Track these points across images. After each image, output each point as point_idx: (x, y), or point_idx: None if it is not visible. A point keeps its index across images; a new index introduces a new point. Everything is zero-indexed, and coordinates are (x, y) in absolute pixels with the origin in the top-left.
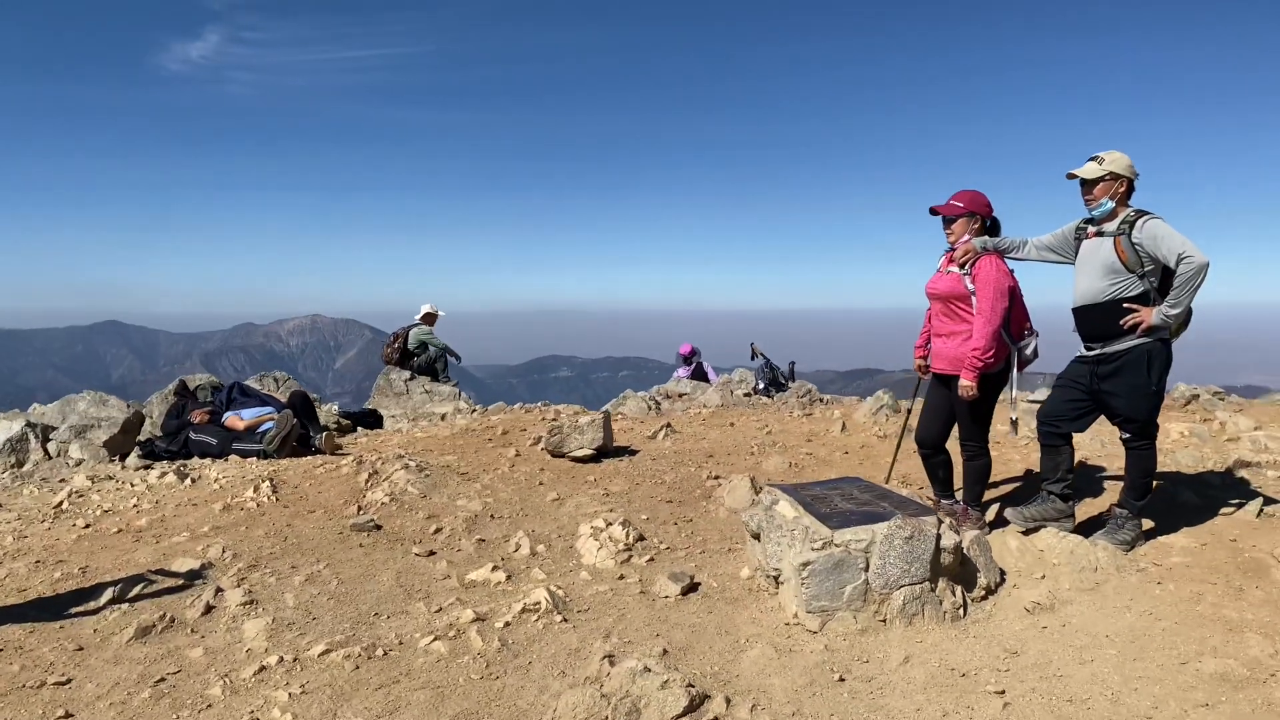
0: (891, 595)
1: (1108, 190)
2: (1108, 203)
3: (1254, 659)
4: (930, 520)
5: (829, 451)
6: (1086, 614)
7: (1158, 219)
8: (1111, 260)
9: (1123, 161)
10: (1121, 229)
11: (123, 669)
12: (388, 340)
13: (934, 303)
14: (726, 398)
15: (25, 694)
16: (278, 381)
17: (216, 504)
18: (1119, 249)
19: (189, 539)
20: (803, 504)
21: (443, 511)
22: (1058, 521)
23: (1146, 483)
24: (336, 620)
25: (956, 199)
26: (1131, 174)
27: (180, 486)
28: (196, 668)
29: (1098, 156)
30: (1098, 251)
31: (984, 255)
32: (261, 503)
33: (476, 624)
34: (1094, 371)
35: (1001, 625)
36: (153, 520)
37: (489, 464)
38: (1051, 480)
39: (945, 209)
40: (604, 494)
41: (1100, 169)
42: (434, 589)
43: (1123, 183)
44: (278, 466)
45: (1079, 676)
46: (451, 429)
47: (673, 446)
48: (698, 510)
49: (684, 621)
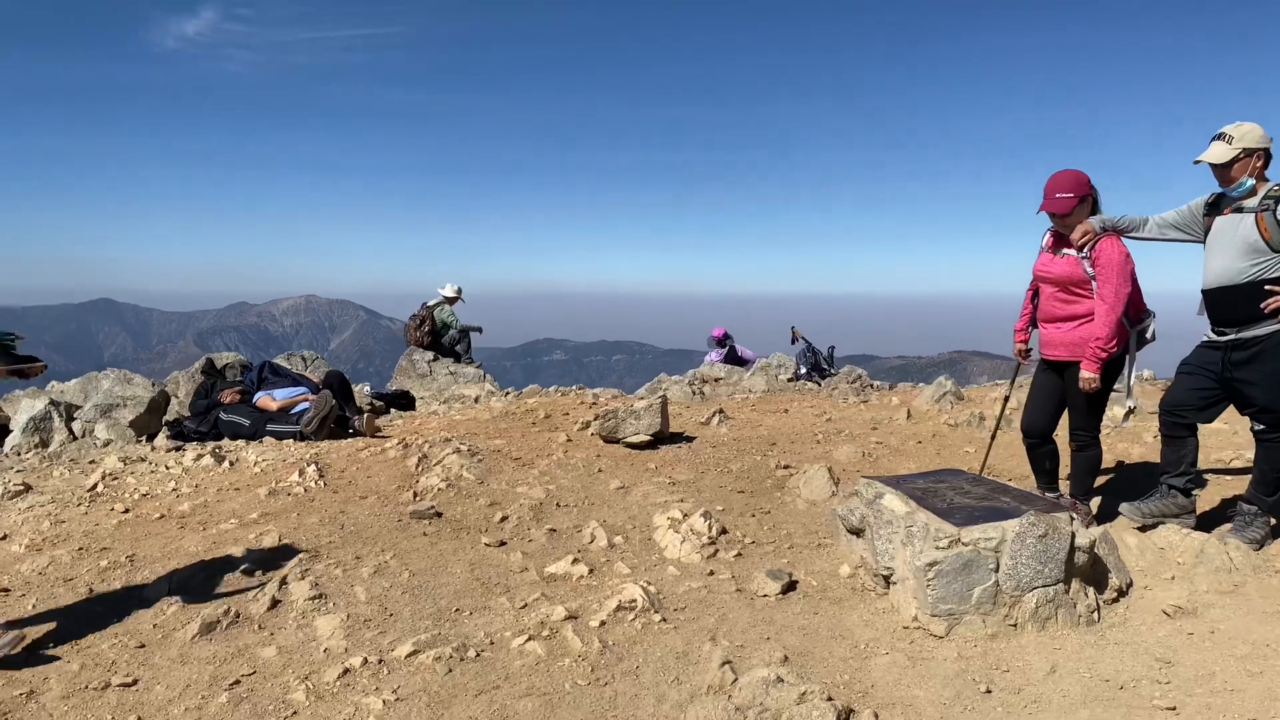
0: (1023, 598)
1: (1245, 169)
2: (1248, 180)
3: None
4: (1064, 517)
5: (900, 440)
6: (1234, 619)
7: None
8: (1254, 239)
9: (1256, 133)
10: (1265, 204)
11: (192, 669)
12: (411, 322)
13: (1045, 286)
14: (771, 383)
15: (89, 696)
16: (306, 361)
17: (261, 489)
18: (1262, 227)
19: (238, 526)
20: (913, 498)
21: (504, 499)
22: (1178, 518)
23: (1278, 478)
24: (416, 616)
25: (1062, 190)
26: (1267, 143)
27: (218, 469)
28: (272, 669)
29: (1224, 134)
30: (1236, 229)
31: (1104, 236)
32: (309, 488)
33: (570, 622)
34: (1227, 358)
35: (1141, 631)
36: (195, 505)
37: (541, 449)
38: (1173, 474)
39: (1058, 206)
40: (669, 483)
41: (1232, 149)
42: (513, 582)
43: (1259, 156)
44: (319, 449)
45: (1253, 691)
46: (490, 412)
47: (730, 433)
48: (773, 501)
49: (791, 624)
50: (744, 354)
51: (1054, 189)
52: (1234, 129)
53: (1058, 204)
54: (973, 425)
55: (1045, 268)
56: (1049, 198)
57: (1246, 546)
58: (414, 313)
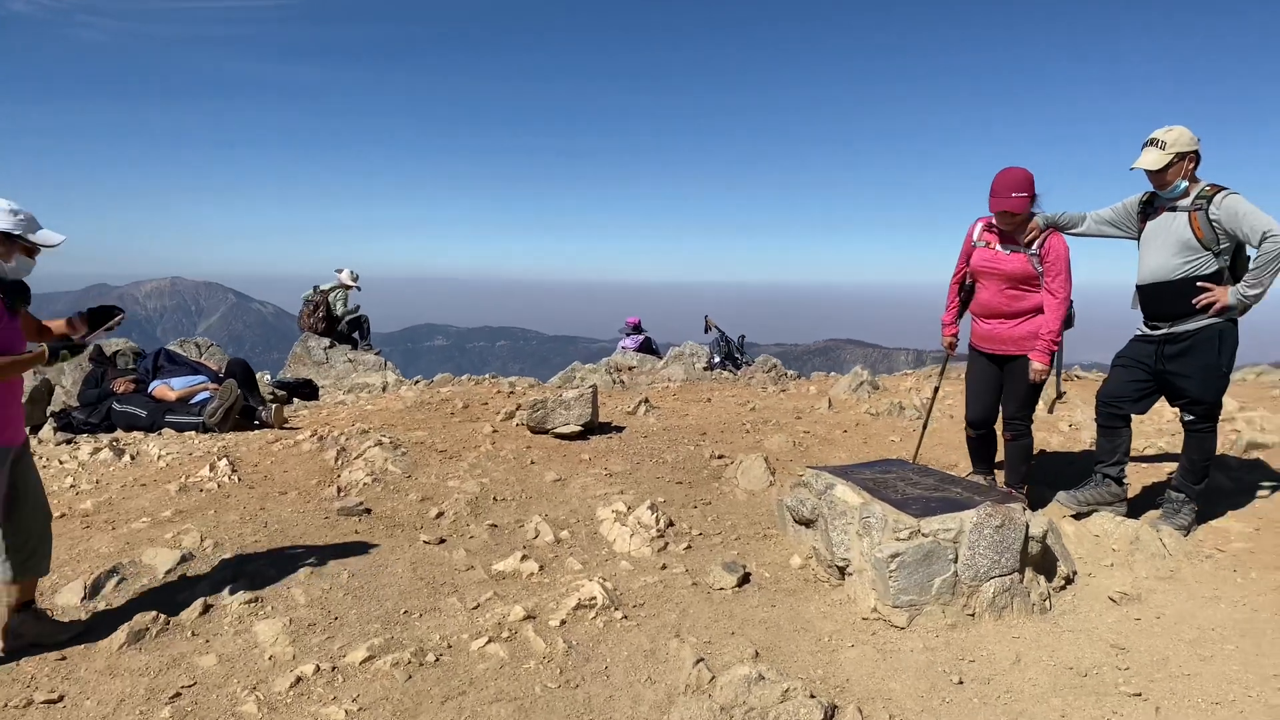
0: (981, 588)
1: (1179, 172)
2: (1181, 183)
3: None
4: (1017, 507)
5: (826, 430)
6: (1176, 604)
7: (1236, 194)
8: (1187, 237)
9: (1185, 137)
10: (1198, 204)
11: (124, 682)
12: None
13: (991, 282)
14: (689, 371)
15: (11, 716)
16: (200, 348)
17: (170, 484)
18: (1195, 225)
19: (151, 525)
20: (865, 489)
21: (436, 494)
22: (1111, 505)
23: (1205, 465)
24: (363, 620)
25: (1018, 190)
26: (1196, 146)
27: (119, 464)
28: (214, 679)
29: (1156, 140)
30: (1170, 228)
31: (1052, 233)
32: (222, 483)
33: (530, 622)
34: (1160, 352)
35: (1092, 618)
36: (99, 503)
37: (466, 441)
38: (1108, 463)
39: (1017, 205)
40: (606, 474)
41: (1166, 155)
42: (460, 581)
43: (1190, 159)
44: (226, 442)
45: (1208, 675)
46: (403, 402)
47: (659, 423)
48: (712, 492)
49: (752, 617)
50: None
51: (1009, 188)
52: (1165, 134)
53: (1015, 203)
54: (893, 414)
55: (996, 263)
56: (1004, 197)
57: (1177, 533)
58: (306, 295)
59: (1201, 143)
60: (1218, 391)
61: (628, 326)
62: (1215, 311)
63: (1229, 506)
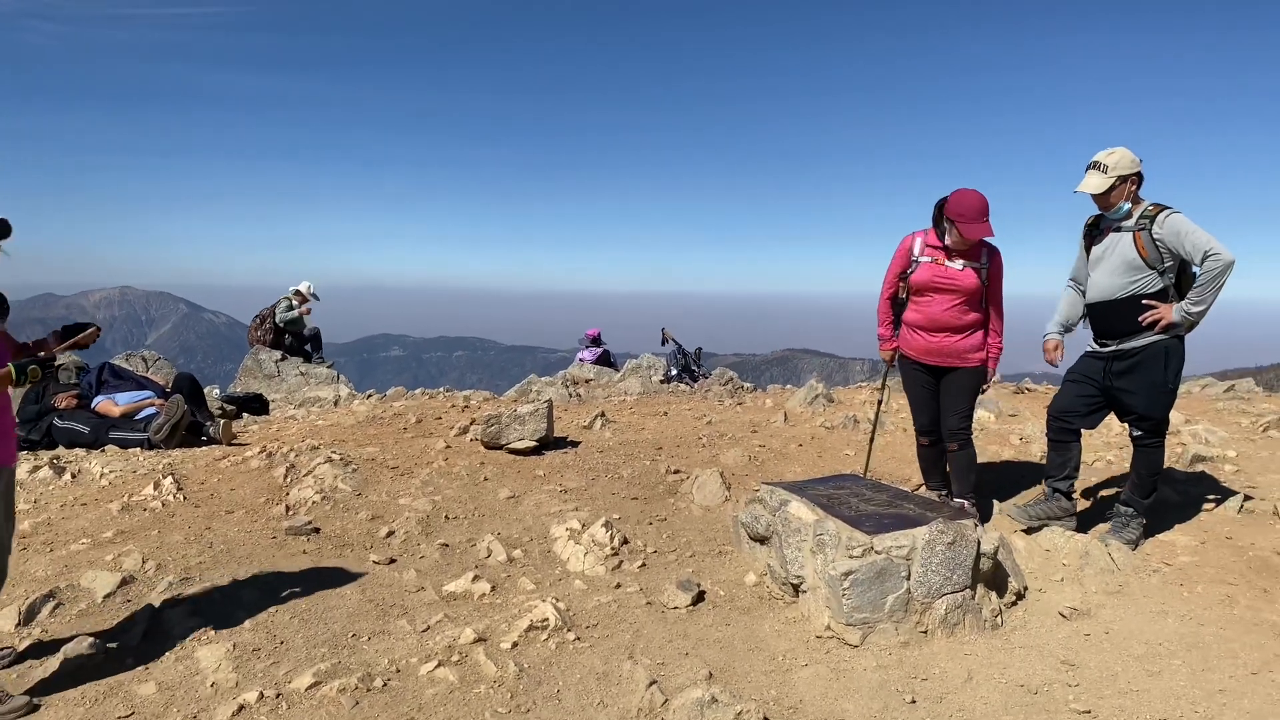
0: (934, 604)
1: (1122, 194)
2: (1125, 205)
3: None
4: (969, 523)
5: (782, 444)
6: (1125, 619)
7: (1178, 213)
8: (1131, 256)
9: (1127, 159)
10: (1141, 224)
11: (58, 714)
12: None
13: (943, 296)
14: (646, 384)
15: None
16: (146, 361)
17: (112, 504)
18: (1140, 245)
19: (91, 546)
20: (819, 505)
21: (387, 512)
22: (1061, 520)
23: (1152, 480)
24: (309, 644)
25: (987, 214)
26: (1138, 167)
27: (59, 482)
28: (153, 708)
29: (1098, 164)
30: (1116, 248)
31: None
32: (167, 502)
33: (480, 645)
34: (1108, 368)
35: (1042, 634)
36: (36, 524)
37: (418, 457)
38: (1057, 477)
39: (989, 231)
40: (561, 491)
41: (1108, 178)
42: (410, 603)
43: (1133, 180)
44: (172, 459)
45: (1156, 691)
46: (355, 417)
47: (614, 437)
48: (668, 508)
49: (706, 636)
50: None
51: (981, 214)
52: (1107, 157)
53: (989, 229)
54: (848, 428)
55: (952, 279)
56: (980, 224)
57: (1125, 547)
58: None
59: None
60: (1164, 407)
61: (586, 339)
62: (1161, 329)
63: (1175, 520)
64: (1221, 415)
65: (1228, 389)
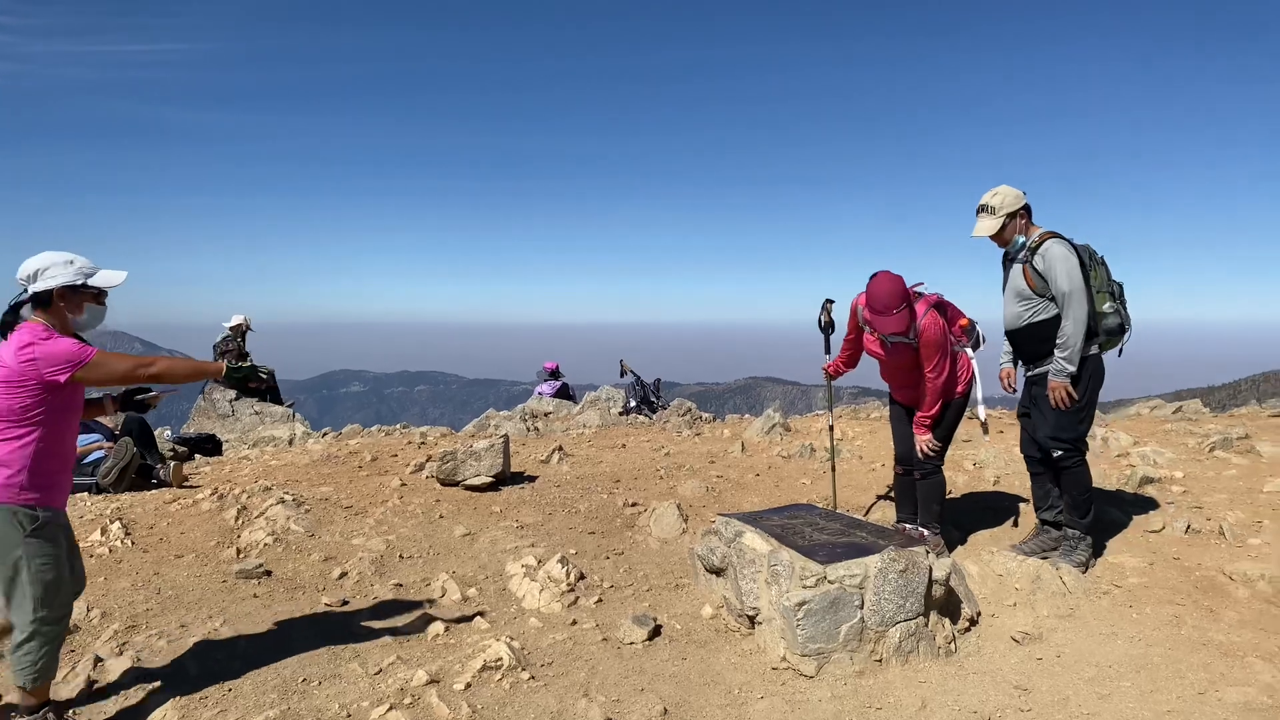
0: (887, 633)
1: (1014, 230)
2: (1019, 239)
3: (1268, 685)
4: (920, 551)
5: (739, 474)
6: (1076, 642)
7: (1058, 243)
8: (1022, 287)
9: (1009, 196)
10: (1026, 256)
11: None
12: None
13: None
14: (605, 417)
15: None
16: None
17: None
18: (1027, 275)
19: None
20: (774, 536)
21: (340, 553)
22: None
23: (1085, 499)
24: (259, 690)
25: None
26: (1023, 201)
27: None
28: None
29: (985, 207)
30: (1012, 278)
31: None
32: (114, 547)
33: (433, 686)
34: (1030, 393)
35: (995, 659)
36: None
37: (373, 495)
38: (1042, 509)
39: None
40: (518, 527)
41: (996, 219)
42: (362, 646)
43: (1021, 214)
44: (120, 503)
45: (1106, 714)
46: (309, 456)
47: (572, 471)
48: (625, 541)
49: (662, 671)
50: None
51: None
52: (992, 199)
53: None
54: (804, 456)
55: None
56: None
57: (1075, 570)
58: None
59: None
60: (1072, 426)
61: (545, 372)
62: (1062, 399)
63: (1124, 541)
64: (1170, 436)
65: (1176, 410)
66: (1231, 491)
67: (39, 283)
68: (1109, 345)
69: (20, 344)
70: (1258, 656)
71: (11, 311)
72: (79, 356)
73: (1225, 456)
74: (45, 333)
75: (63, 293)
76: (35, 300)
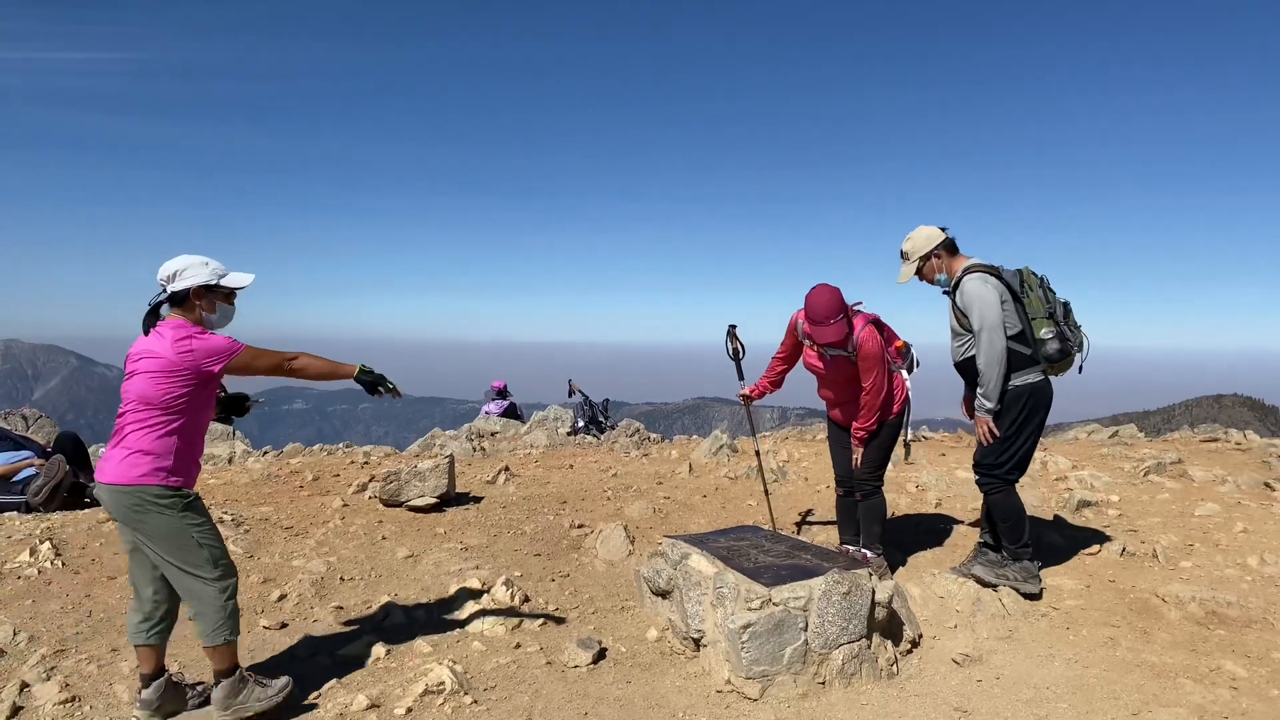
0: (831, 655)
1: (934, 269)
2: (942, 277)
3: (1199, 706)
4: (863, 573)
5: (686, 495)
6: (1014, 664)
7: (974, 277)
8: (952, 322)
9: (922, 237)
10: (949, 293)
11: None
12: None
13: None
14: (552, 437)
15: None
16: (27, 420)
17: None
18: (954, 311)
19: None
20: (720, 558)
21: (280, 574)
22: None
23: (1011, 525)
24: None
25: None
26: (939, 238)
27: None
28: None
29: (902, 253)
30: (948, 315)
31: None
32: (44, 569)
33: (374, 711)
34: None
35: (936, 681)
36: None
37: (314, 516)
38: (984, 530)
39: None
40: (462, 549)
41: (912, 265)
42: (301, 670)
43: (936, 253)
44: (51, 523)
45: None
46: (249, 474)
47: (518, 492)
48: (571, 563)
49: (606, 695)
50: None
51: (825, 315)
52: (907, 245)
53: (835, 332)
54: (751, 478)
55: (825, 367)
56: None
57: (1013, 592)
58: None
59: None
60: (995, 453)
61: (492, 390)
62: (984, 434)
63: (1061, 564)
64: (1106, 460)
65: (1113, 435)
66: (1165, 515)
67: (177, 282)
68: (1058, 370)
69: (178, 336)
70: (1188, 678)
71: (153, 311)
72: (233, 348)
73: (1159, 481)
74: (197, 327)
75: (199, 291)
76: (173, 299)
